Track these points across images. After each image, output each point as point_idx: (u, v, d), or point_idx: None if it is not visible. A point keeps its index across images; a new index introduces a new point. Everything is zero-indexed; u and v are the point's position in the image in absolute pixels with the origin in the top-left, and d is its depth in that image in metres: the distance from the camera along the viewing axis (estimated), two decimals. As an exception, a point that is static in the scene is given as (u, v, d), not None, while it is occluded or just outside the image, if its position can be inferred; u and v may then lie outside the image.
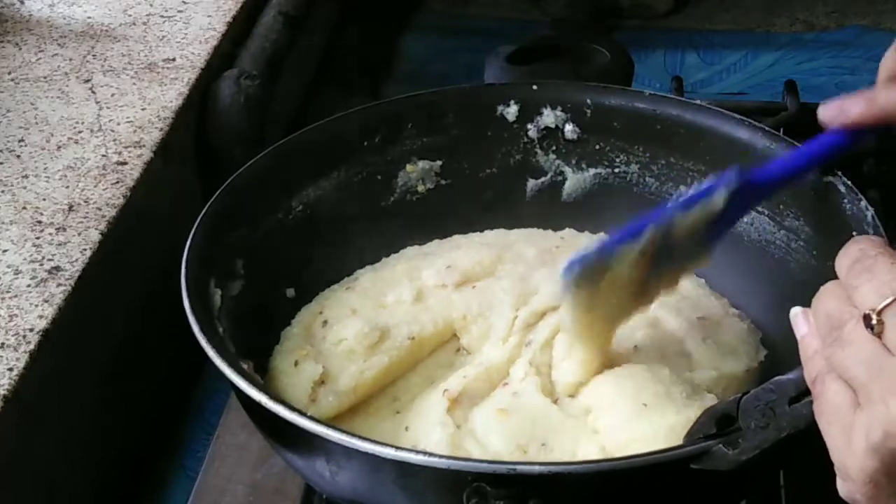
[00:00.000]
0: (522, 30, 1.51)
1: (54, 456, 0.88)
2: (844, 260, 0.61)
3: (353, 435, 0.70)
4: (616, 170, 1.03)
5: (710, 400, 0.80)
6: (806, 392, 0.63)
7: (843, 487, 0.59)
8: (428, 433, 0.81)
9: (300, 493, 0.90)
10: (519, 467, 0.68)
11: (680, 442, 0.73)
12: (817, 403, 0.60)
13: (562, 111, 1.02)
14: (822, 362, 0.60)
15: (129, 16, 1.25)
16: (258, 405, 0.73)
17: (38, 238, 0.93)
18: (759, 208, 0.95)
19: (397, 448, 0.69)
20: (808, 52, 1.51)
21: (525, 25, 1.55)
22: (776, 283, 0.93)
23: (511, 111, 1.03)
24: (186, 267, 0.82)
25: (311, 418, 0.72)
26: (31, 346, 0.83)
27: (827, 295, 0.61)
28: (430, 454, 0.70)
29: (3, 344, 0.83)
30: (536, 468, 0.68)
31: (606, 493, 0.71)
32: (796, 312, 0.65)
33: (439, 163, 1.03)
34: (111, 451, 0.98)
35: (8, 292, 0.87)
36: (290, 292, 0.94)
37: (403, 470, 0.70)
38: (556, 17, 1.59)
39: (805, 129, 1.11)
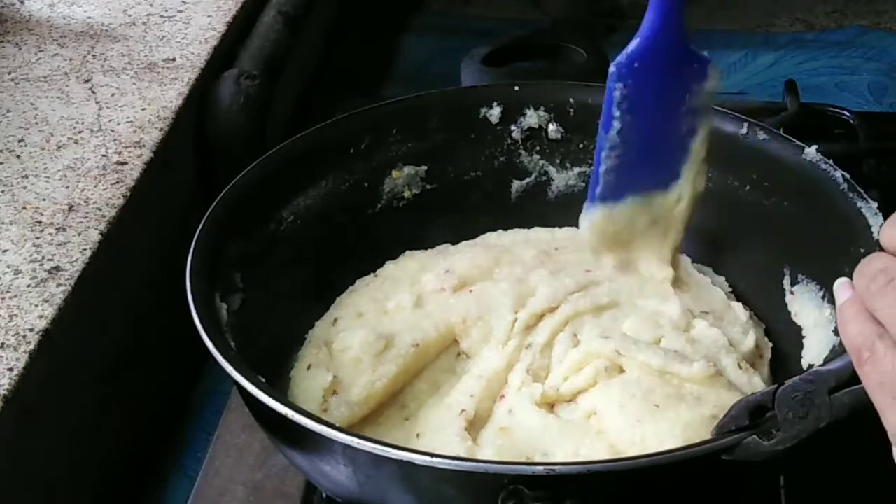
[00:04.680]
0: (521, 30, 1.51)
1: (54, 456, 0.88)
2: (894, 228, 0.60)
3: (386, 443, 0.70)
4: None
5: (725, 395, 0.81)
6: (846, 384, 0.63)
7: None
8: (444, 443, 0.81)
9: (300, 493, 0.90)
10: (557, 468, 0.68)
11: (698, 437, 0.74)
12: (869, 368, 0.59)
13: (545, 111, 1.02)
14: (870, 325, 0.59)
15: (129, 16, 1.25)
16: (284, 419, 0.72)
17: (38, 238, 0.93)
18: (767, 200, 0.95)
19: (433, 455, 0.68)
20: (808, 52, 1.51)
21: (525, 25, 1.55)
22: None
23: (494, 113, 1.03)
24: (191, 284, 0.82)
25: (341, 429, 0.71)
26: (31, 346, 0.83)
27: (878, 256, 0.61)
28: (468, 459, 0.70)
29: (3, 344, 0.83)
30: (575, 468, 0.69)
31: (641, 490, 0.71)
32: (841, 282, 0.64)
33: (424, 167, 1.03)
34: (111, 451, 0.98)
35: (8, 292, 0.87)
36: (286, 303, 0.94)
37: (438, 475, 0.69)
38: (555, 16, 1.59)
39: (805, 129, 1.11)
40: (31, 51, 1.18)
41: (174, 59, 1.16)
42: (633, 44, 0.82)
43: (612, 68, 0.82)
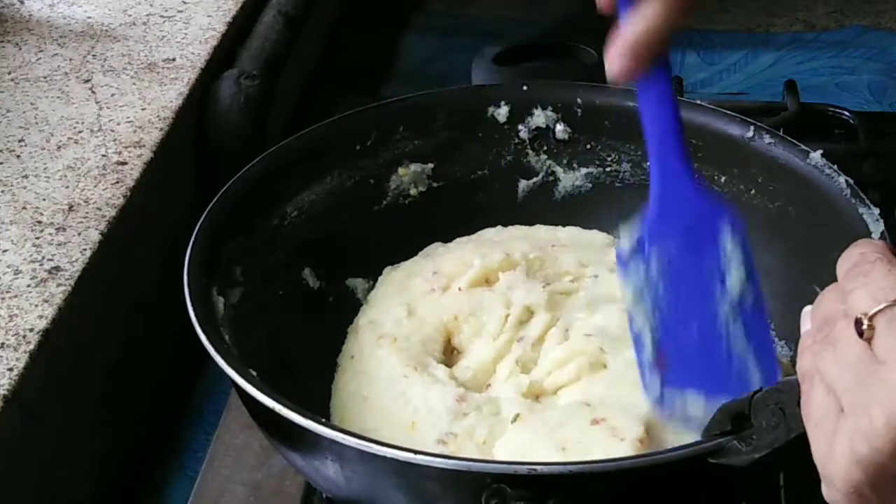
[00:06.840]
0: (523, 30, 1.51)
1: (54, 456, 0.88)
2: (844, 263, 0.61)
3: (370, 439, 0.70)
4: (608, 169, 1.03)
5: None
6: None
7: (827, 492, 0.58)
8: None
9: (300, 493, 0.90)
10: (539, 468, 0.68)
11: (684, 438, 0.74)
12: (804, 402, 0.60)
13: (552, 111, 1.02)
14: (812, 359, 0.60)
15: (129, 16, 1.25)
16: (270, 411, 0.72)
17: (38, 238, 0.93)
18: (772, 204, 0.95)
19: (416, 452, 0.69)
20: (808, 52, 1.51)
21: (525, 25, 1.55)
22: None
23: (502, 112, 1.03)
24: (188, 276, 0.82)
25: (326, 423, 0.72)
26: (31, 346, 0.83)
27: (826, 296, 0.61)
28: (450, 457, 0.70)
29: (3, 344, 0.83)
30: (557, 468, 0.68)
31: (625, 491, 0.71)
32: (806, 311, 0.64)
33: (431, 165, 1.03)
34: (111, 451, 0.98)
35: (8, 292, 0.87)
36: (286, 299, 0.94)
37: (422, 473, 0.69)
38: (556, 16, 1.59)
39: (805, 129, 1.11)
40: (31, 51, 1.18)
41: (174, 59, 1.16)
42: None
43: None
